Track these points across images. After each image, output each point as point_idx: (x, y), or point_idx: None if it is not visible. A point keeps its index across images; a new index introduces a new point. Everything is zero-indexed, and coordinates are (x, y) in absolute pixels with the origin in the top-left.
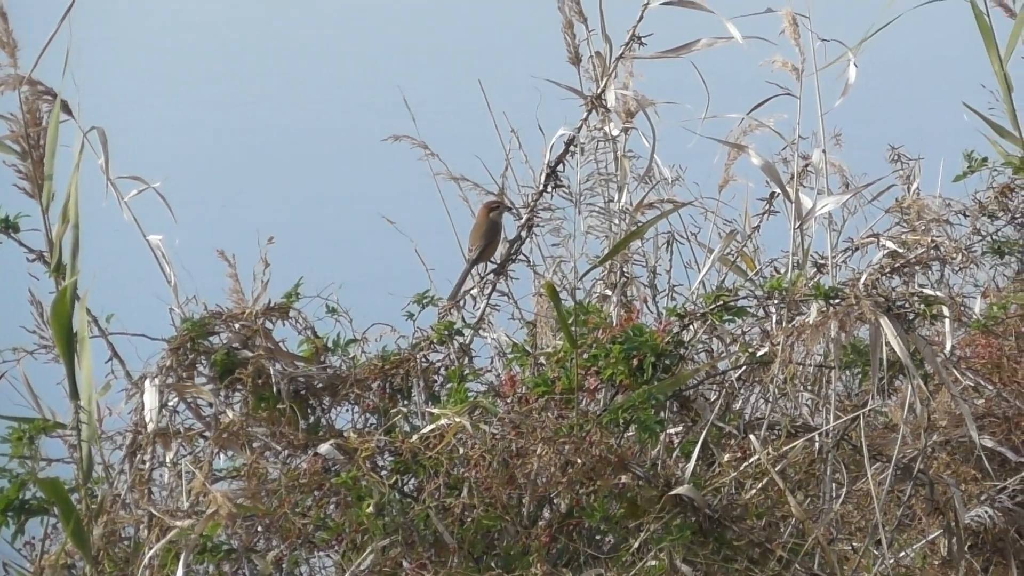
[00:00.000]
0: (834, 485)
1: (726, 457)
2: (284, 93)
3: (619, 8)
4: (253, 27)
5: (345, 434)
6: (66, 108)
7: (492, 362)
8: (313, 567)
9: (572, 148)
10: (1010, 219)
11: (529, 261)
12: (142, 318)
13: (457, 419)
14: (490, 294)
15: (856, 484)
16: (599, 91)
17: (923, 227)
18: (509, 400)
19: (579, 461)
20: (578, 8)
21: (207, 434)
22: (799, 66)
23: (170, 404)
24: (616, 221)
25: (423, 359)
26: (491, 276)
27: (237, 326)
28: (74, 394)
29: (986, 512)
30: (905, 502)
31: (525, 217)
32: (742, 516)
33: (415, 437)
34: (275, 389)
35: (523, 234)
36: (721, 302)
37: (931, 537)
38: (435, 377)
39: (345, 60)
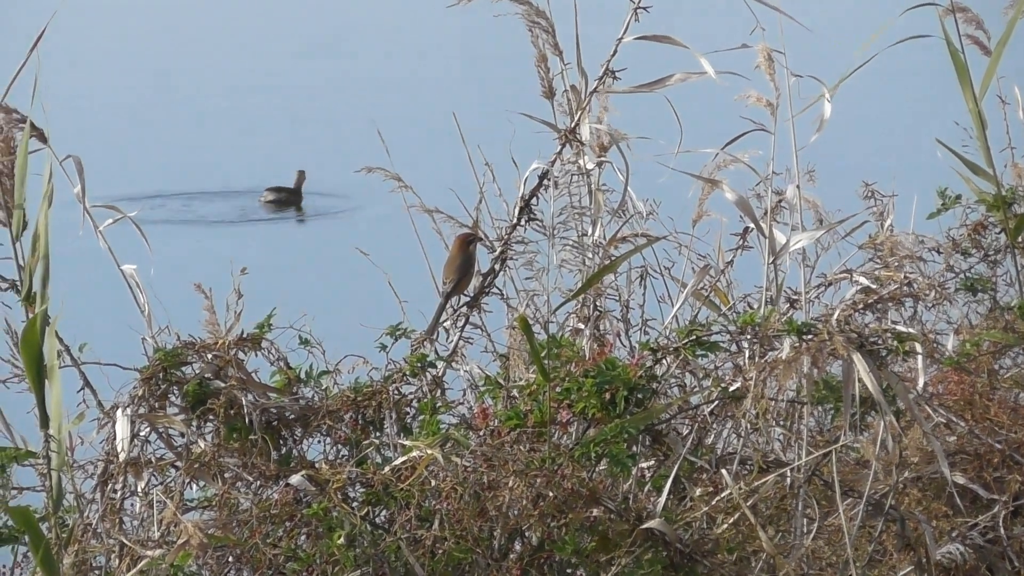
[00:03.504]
0: (805, 520)
1: (698, 491)
2: (257, 125)
3: (593, 42)
4: (228, 57)
5: (317, 465)
6: (41, 136)
7: (464, 395)
8: None
9: (546, 182)
10: (983, 256)
11: (502, 294)
12: (115, 348)
13: (429, 451)
14: (463, 327)
15: (827, 520)
16: (573, 125)
17: (896, 264)
18: (481, 433)
19: (551, 494)
20: (553, 42)
21: (178, 464)
22: (774, 102)
23: (142, 434)
24: (589, 255)
25: (395, 391)
26: (464, 309)
27: (209, 356)
28: (44, 423)
29: (957, 548)
30: (876, 538)
31: (499, 250)
32: (713, 551)
33: (387, 469)
34: (247, 420)
35: (496, 267)
36: (694, 337)
37: (902, 574)
38: (407, 409)
39: (319, 92)
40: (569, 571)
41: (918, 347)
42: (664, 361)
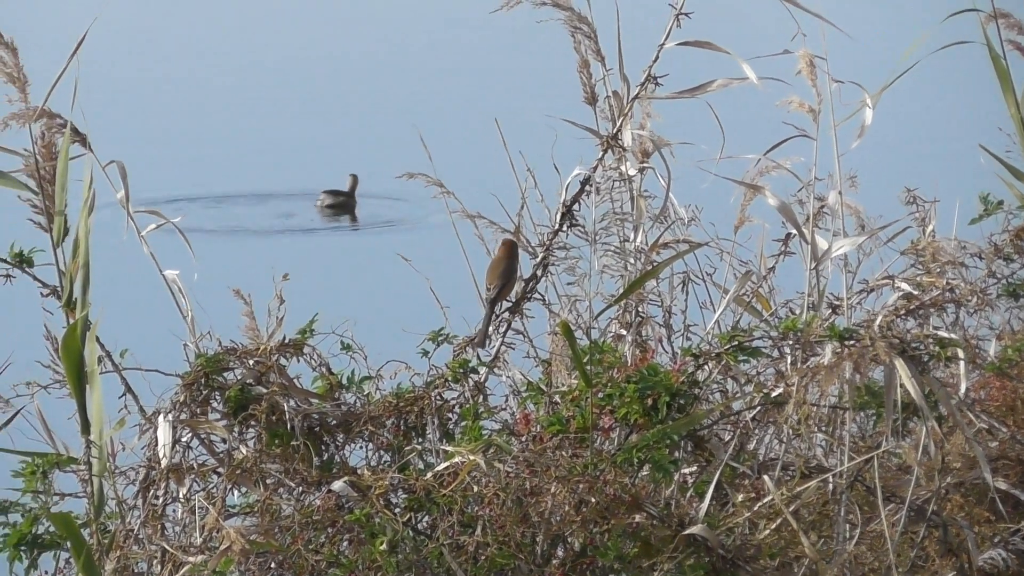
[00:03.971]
0: (848, 526)
1: (740, 497)
2: (297, 131)
3: (635, 48)
4: (271, 64)
5: (359, 471)
6: (83, 141)
7: (507, 400)
8: None
9: (588, 187)
10: None
11: (544, 300)
12: (156, 353)
13: (471, 457)
14: (505, 332)
15: (869, 525)
16: (615, 131)
17: (938, 269)
18: (523, 438)
19: (593, 500)
20: (595, 47)
21: (220, 470)
22: (815, 107)
23: (183, 440)
24: (631, 260)
25: (438, 397)
26: (506, 314)
27: (251, 362)
28: (85, 428)
29: (999, 554)
30: (918, 544)
31: (541, 256)
32: (755, 556)
33: (429, 475)
34: (289, 425)
35: (539, 273)
36: (736, 342)
37: None
38: (449, 415)
39: (362, 97)
40: None
41: (960, 353)
42: (706, 367)
